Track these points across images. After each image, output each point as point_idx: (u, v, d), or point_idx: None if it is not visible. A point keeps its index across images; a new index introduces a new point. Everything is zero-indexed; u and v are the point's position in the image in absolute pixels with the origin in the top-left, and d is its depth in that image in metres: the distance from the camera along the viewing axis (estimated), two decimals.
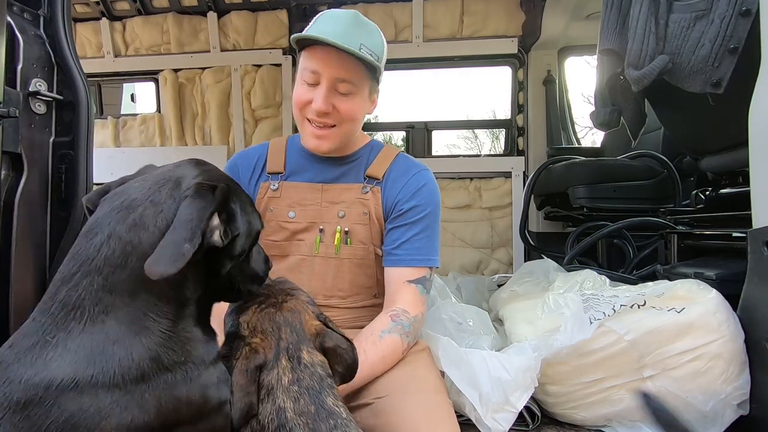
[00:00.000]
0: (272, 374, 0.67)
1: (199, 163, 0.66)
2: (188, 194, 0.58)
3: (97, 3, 3.44)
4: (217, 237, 0.59)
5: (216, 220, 0.59)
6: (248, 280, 0.71)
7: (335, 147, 1.00)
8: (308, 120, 0.97)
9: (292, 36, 0.93)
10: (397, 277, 1.00)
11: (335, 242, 1.02)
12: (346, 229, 1.02)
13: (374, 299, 1.07)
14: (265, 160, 1.07)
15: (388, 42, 1.04)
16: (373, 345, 0.89)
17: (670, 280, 1.16)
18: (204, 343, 0.61)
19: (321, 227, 1.03)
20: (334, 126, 0.96)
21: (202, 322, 0.64)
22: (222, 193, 0.59)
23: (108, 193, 0.62)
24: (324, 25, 0.93)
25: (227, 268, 0.64)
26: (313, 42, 0.91)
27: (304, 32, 0.92)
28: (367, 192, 1.04)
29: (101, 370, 0.51)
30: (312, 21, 0.96)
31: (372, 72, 0.97)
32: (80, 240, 0.58)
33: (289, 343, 0.70)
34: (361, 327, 1.04)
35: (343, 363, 0.73)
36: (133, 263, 0.55)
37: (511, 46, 3.20)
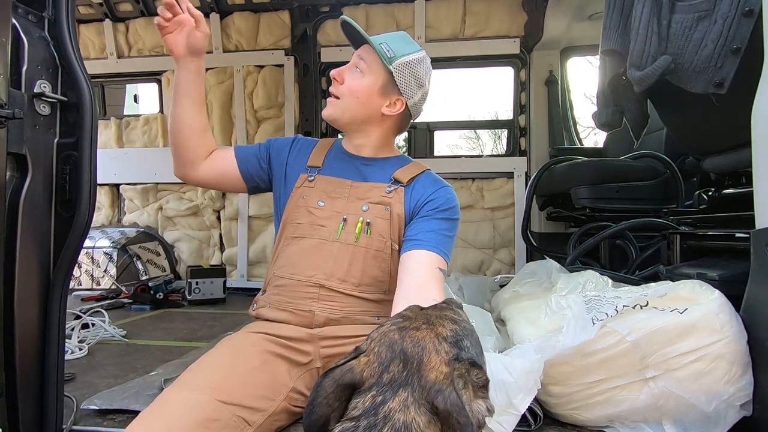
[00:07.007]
0: (358, 402, 0.58)
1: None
2: None
3: (101, 4, 3.45)
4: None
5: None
6: None
7: (337, 116, 1.14)
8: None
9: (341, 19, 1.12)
10: (429, 261, 1.03)
11: (356, 230, 1.09)
12: (368, 220, 1.10)
13: (383, 295, 1.11)
14: (311, 152, 1.21)
15: None
16: None
17: (673, 280, 1.16)
18: None
19: (345, 217, 1.10)
20: (339, 98, 1.13)
21: None
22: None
23: None
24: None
25: None
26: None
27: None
28: (390, 191, 1.12)
29: None
30: None
31: (387, 65, 1.10)
32: None
33: (393, 381, 0.58)
34: (367, 322, 1.07)
35: None
36: None
37: (513, 47, 3.20)
